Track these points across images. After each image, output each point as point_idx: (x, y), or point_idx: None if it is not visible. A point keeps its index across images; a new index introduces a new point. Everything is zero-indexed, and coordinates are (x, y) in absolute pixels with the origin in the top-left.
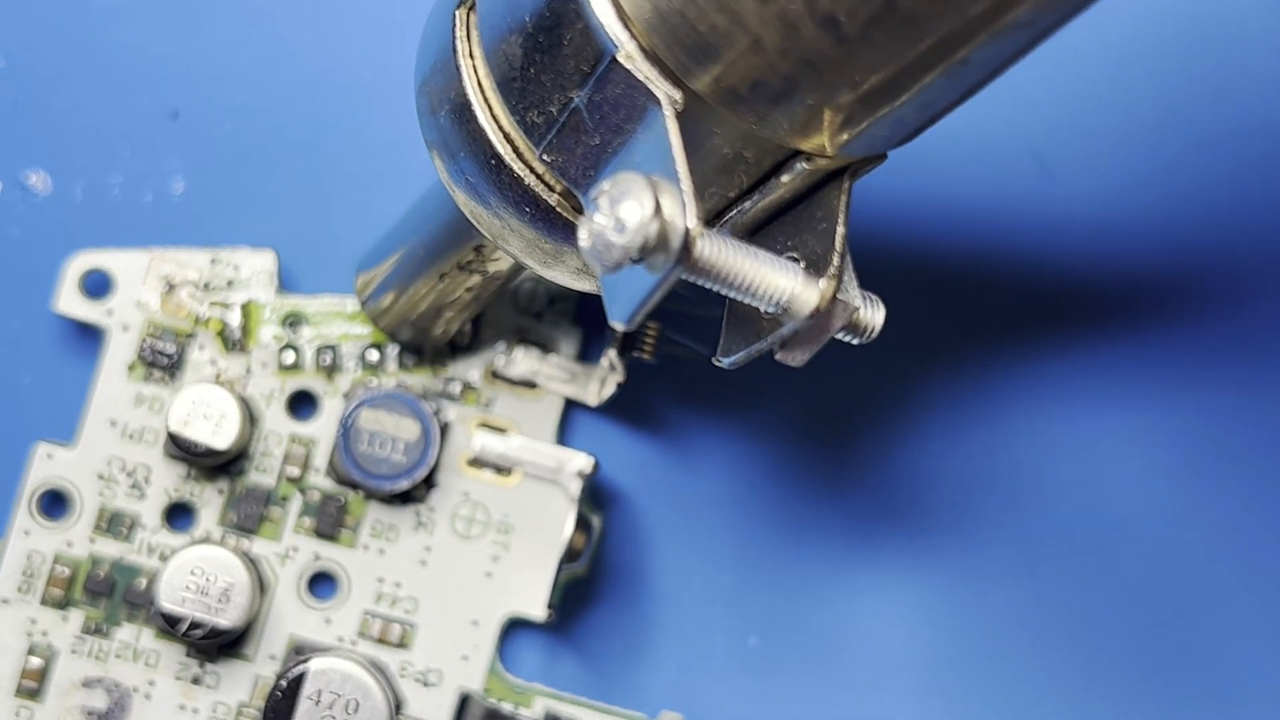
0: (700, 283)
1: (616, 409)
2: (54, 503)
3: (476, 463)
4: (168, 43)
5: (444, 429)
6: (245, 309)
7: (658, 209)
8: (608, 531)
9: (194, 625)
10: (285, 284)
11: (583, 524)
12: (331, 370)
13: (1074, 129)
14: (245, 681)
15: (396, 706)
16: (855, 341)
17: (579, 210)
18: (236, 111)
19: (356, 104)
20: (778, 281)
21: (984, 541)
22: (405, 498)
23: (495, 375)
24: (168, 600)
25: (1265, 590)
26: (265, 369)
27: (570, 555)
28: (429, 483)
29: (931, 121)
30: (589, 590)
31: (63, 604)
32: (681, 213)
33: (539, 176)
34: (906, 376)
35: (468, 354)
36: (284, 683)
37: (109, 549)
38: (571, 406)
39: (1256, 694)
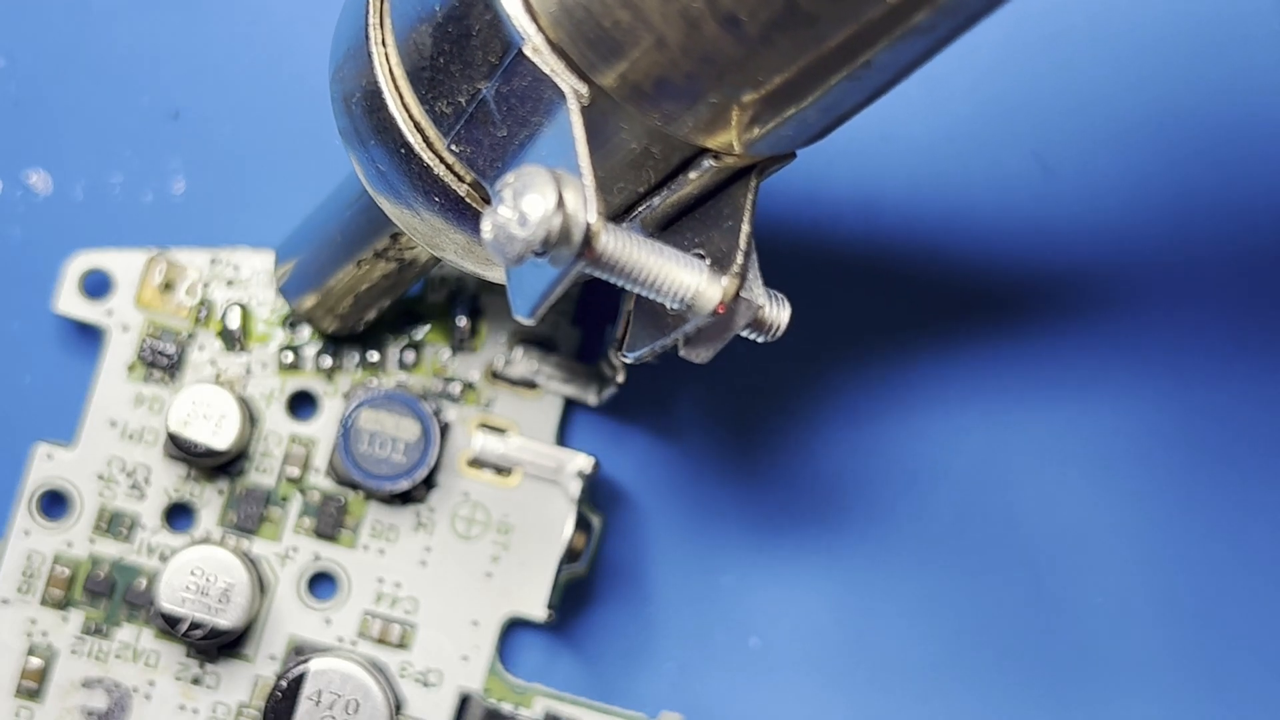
0: (605, 277)
1: (616, 409)
2: (54, 503)
3: (476, 463)
4: (168, 43)
5: (444, 429)
6: (245, 309)
7: (560, 203)
8: (608, 531)
9: (194, 625)
10: None
11: (583, 524)
12: (331, 370)
13: (1074, 129)
14: (245, 682)
15: (396, 706)
16: (761, 340)
17: (488, 201)
18: (236, 111)
19: None
20: (681, 278)
21: (983, 542)
22: (405, 498)
23: (495, 375)
24: (168, 600)
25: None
26: (265, 369)
27: (570, 555)
28: (429, 483)
29: (838, 123)
30: (589, 590)
31: (63, 604)
32: (584, 207)
33: (448, 166)
34: (915, 379)
35: (468, 354)
36: (284, 683)
37: (109, 549)
38: (571, 406)
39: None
